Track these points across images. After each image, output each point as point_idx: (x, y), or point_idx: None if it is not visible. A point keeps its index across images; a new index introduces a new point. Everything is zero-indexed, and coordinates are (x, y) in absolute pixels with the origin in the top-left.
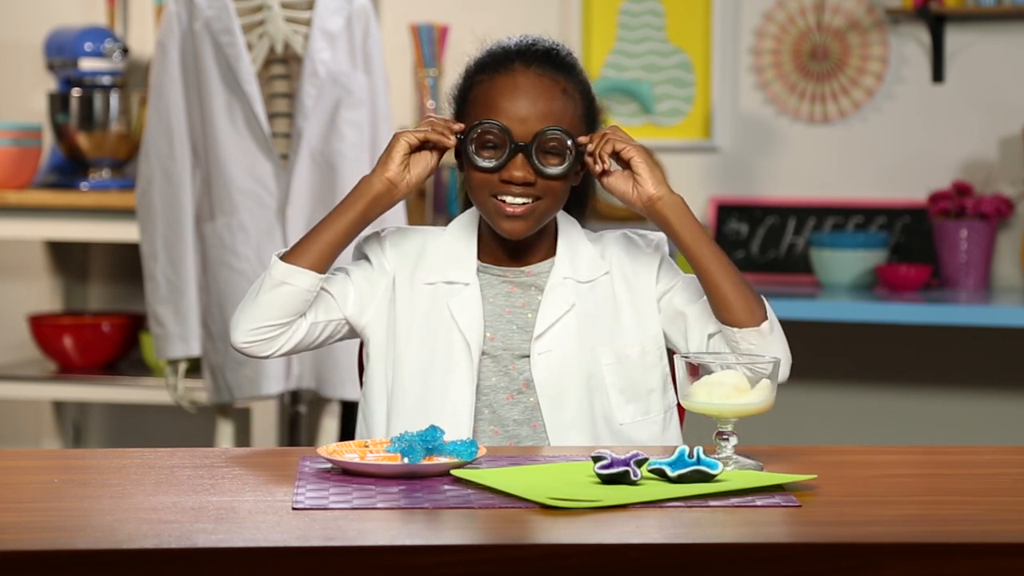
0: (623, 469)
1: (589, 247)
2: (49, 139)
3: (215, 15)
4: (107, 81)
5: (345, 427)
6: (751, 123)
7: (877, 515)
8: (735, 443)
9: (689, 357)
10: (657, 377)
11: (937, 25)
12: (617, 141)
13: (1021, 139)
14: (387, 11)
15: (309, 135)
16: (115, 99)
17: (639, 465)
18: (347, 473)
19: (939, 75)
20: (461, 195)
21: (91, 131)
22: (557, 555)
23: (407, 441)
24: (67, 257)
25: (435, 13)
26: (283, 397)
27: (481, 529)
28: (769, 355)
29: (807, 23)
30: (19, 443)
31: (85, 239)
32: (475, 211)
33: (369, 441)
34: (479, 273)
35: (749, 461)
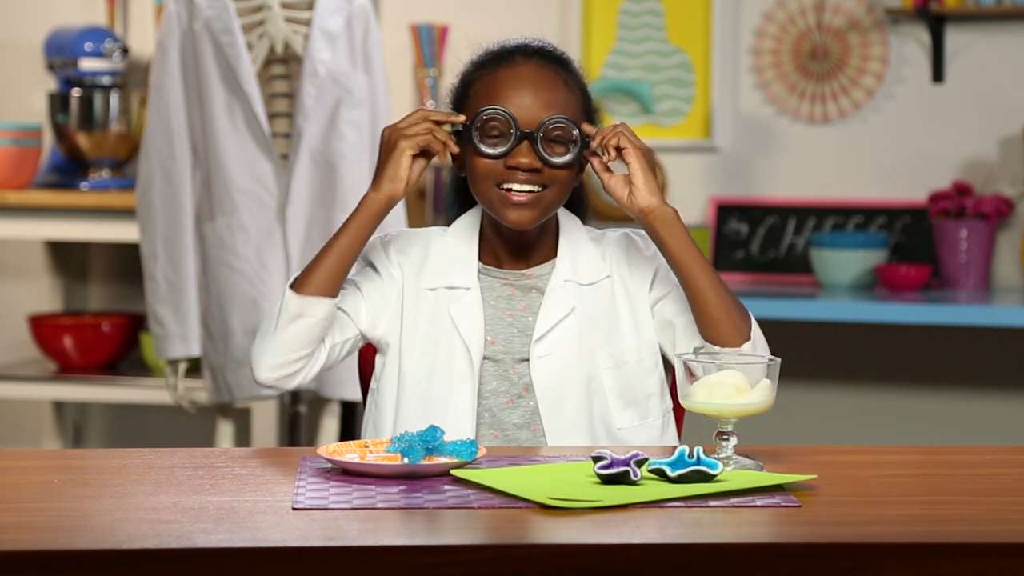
0: (623, 469)
1: (591, 248)
2: (49, 139)
3: (215, 15)
4: (107, 81)
5: (345, 427)
6: (751, 123)
7: (877, 515)
8: (735, 443)
9: (689, 357)
10: (655, 382)
11: (937, 25)
12: (623, 137)
13: (1021, 139)
14: (387, 11)
15: (309, 135)
16: (115, 99)
17: (639, 465)
18: (347, 473)
19: (939, 75)
20: (451, 197)
21: (91, 131)
22: (557, 555)
23: (407, 441)
24: (67, 257)
25: (435, 13)
26: (283, 397)
27: (481, 529)
28: (770, 357)
29: (807, 23)
30: (19, 443)
31: (85, 239)
32: (477, 211)
33: (369, 441)
34: (480, 276)
35: (749, 461)
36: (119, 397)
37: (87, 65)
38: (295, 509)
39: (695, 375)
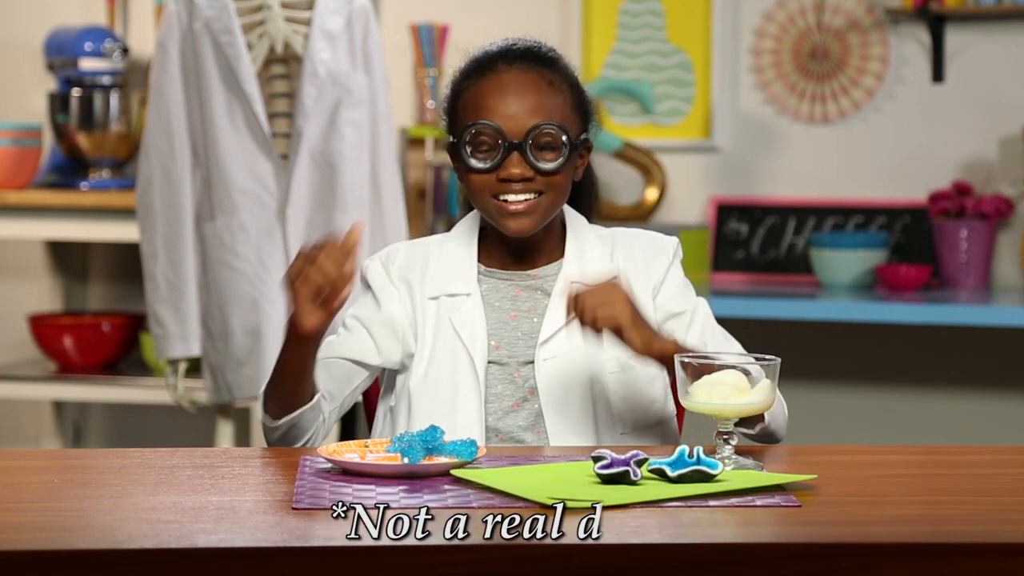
0: (623, 469)
1: (598, 248)
2: (49, 139)
3: (215, 15)
4: (107, 81)
5: (345, 427)
6: (751, 123)
7: (877, 515)
8: (735, 443)
9: (689, 357)
10: (659, 388)
11: (937, 25)
12: (596, 316)
13: (1021, 139)
14: (387, 11)
15: (309, 135)
16: (115, 99)
17: (639, 465)
18: (347, 473)
19: (939, 75)
20: (461, 197)
21: (91, 131)
22: (557, 555)
23: (407, 441)
24: (67, 257)
25: (435, 13)
26: None
27: (481, 529)
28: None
29: (807, 23)
30: (19, 443)
31: (85, 239)
32: (476, 215)
33: (369, 441)
34: (484, 279)
35: (749, 461)
36: (119, 397)
37: (87, 65)
38: (295, 509)
39: (695, 375)
